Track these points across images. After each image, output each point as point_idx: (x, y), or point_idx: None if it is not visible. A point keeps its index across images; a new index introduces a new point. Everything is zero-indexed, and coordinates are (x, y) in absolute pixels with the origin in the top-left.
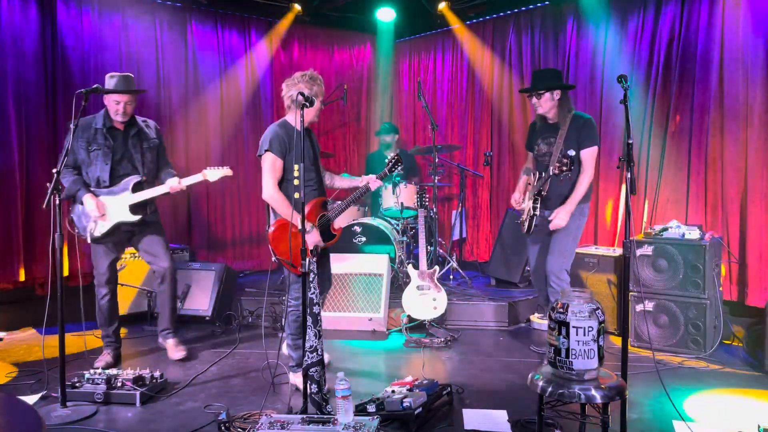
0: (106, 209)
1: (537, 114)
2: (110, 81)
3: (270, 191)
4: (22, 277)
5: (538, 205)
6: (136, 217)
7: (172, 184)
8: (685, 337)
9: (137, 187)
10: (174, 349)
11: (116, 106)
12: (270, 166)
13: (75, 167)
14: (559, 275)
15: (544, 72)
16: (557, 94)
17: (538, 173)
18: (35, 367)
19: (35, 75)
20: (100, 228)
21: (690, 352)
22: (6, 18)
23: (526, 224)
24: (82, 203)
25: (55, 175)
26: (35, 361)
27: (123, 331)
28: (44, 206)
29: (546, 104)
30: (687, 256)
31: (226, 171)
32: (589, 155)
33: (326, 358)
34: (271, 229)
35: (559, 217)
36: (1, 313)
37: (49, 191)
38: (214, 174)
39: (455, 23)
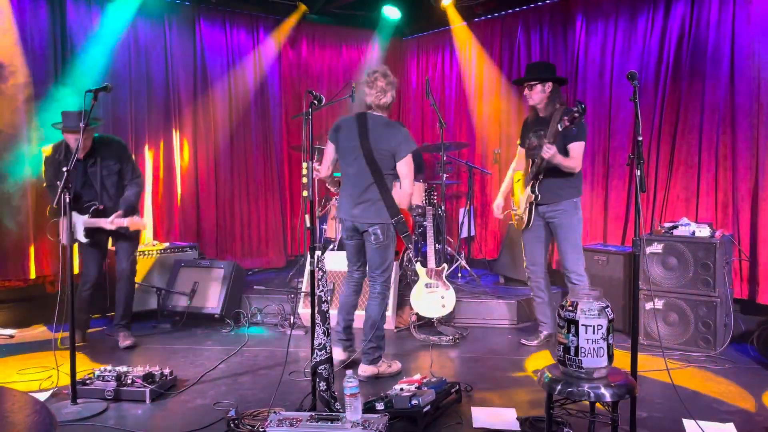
0: (76, 226)
1: (531, 108)
2: (64, 117)
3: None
4: (32, 275)
5: (537, 193)
6: (86, 240)
7: (109, 226)
8: (695, 336)
9: (95, 213)
10: (123, 339)
11: (73, 143)
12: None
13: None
14: (579, 272)
15: (537, 64)
16: (548, 86)
17: (531, 161)
18: (46, 364)
19: (45, 74)
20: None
21: (700, 350)
22: (16, 17)
23: (525, 216)
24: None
25: (65, 174)
26: (46, 358)
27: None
28: (54, 204)
29: (537, 96)
30: (697, 254)
31: (141, 224)
32: (577, 149)
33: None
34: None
35: (546, 149)
36: (12, 311)
37: (59, 189)
38: (136, 224)
39: (463, 21)
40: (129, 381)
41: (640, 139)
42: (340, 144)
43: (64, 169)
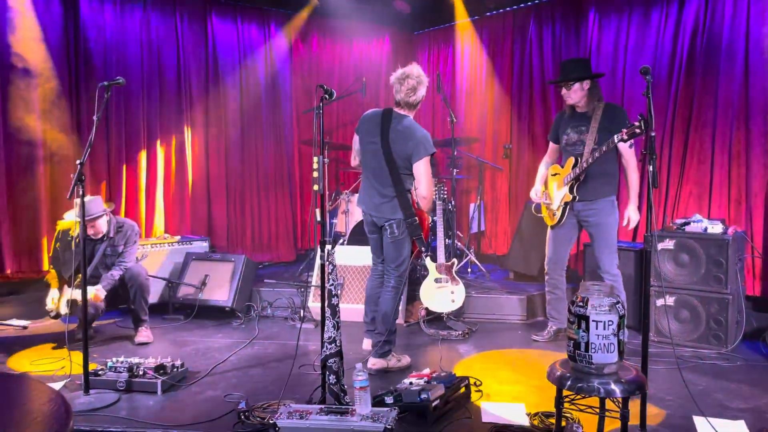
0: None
1: (567, 104)
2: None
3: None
4: (46, 267)
5: (575, 194)
6: (66, 312)
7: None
8: (706, 333)
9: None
10: (139, 335)
11: (89, 229)
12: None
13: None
14: (613, 272)
15: (573, 62)
16: (587, 83)
17: (574, 159)
18: (58, 355)
19: (58, 68)
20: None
21: (711, 347)
22: (39, 18)
23: (558, 213)
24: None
25: (79, 166)
26: (59, 349)
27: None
28: (69, 197)
29: (576, 94)
30: (709, 251)
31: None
32: (626, 145)
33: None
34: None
35: (633, 216)
36: (25, 303)
37: (73, 182)
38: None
39: (474, 15)
40: (141, 372)
41: (653, 134)
42: (363, 137)
43: (78, 162)
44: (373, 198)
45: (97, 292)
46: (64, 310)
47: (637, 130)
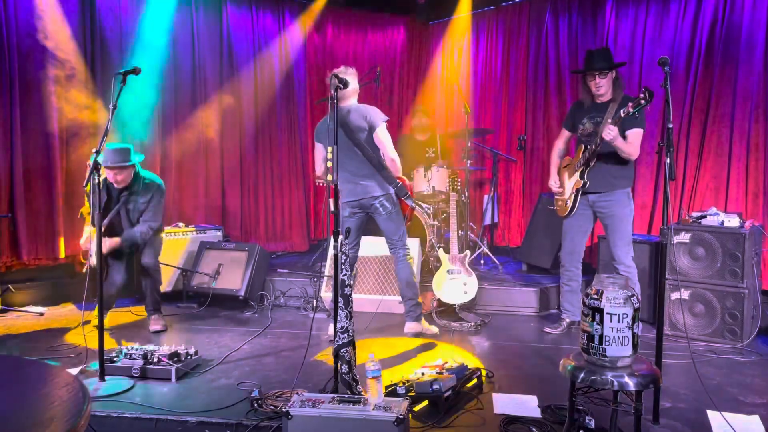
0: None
1: (587, 93)
2: (106, 152)
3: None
4: (62, 254)
5: (586, 179)
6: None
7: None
8: (721, 327)
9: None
10: (153, 323)
11: (112, 176)
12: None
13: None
14: (628, 263)
15: (603, 51)
16: (613, 73)
17: (584, 147)
18: (75, 341)
19: (75, 56)
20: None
21: (726, 341)
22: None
23: (570, 202)
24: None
25: (94, 154)
26: (75, 335)
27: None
28: (84, 185)
29: (607, 84)
30: (726, 245)
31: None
32: (635, 136)
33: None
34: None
35: (608, 130)
36: (42, 289)
37: (89, 171)
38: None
39: (491, 5)
40: (155, 359)
41: (671, 126)
42: (325, 140)
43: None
44: (357, 183)
45: (112, 243)
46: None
47: (642, 101)
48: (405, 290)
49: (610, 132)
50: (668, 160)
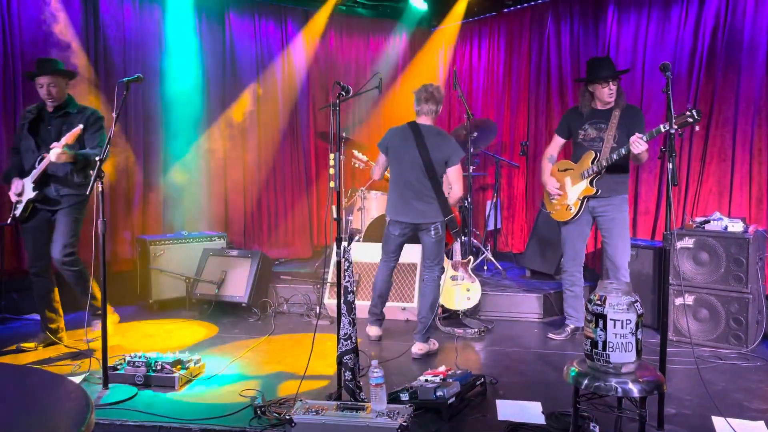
0: (24, 189)
1: (588, 101)
2: (35, 64)
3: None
4: None
5: (595, 188)
6: (34, 193)
7: (50, 154)
8: (726, 332)
9: (40, 162)
10: (89, 333)
11: (41, 89)
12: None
13: (18, 149)
14: (626, 267)
15: (608, 60)
16: (618, 80)
17: (594, 154)
18: (77, 348)
19: (78, 64)
20: (19, 209)
21: (731, 347)
22: (51, 9)
23: (575, 208)
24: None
25: (98, 163)
26: (77, 342)
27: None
28: (87, 193)
29: (615, 90)
30: (729, 249)
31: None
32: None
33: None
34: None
35: (639, 144)
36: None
37: (92, 179)
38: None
39: (492, 11)
40: (159, 367)
41: (673, 131)
42: (395, 152)
43: (97, 158)
44: (415, 205)
45: (58, 152)
46: (30, 193)
47: (690, 119)
48: (426, 311)
49: (639, 146)
50: (671, 166)
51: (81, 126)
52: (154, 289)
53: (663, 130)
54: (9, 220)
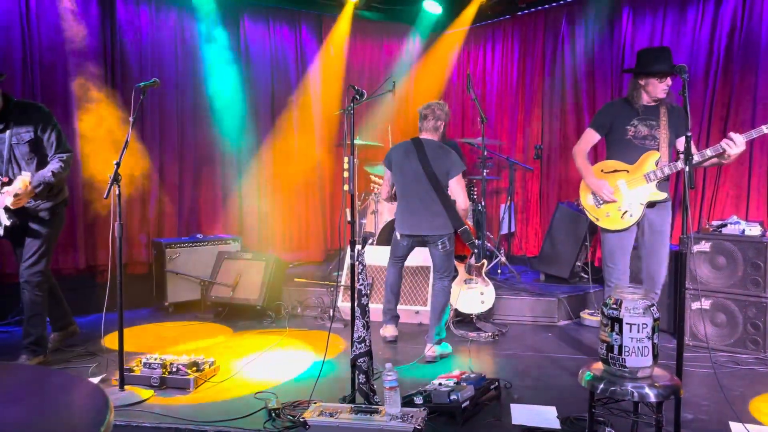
0: None
1: (639, 94)
2: None
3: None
4: (82, 264)
5: (660, 192)
6: (10, 221)
7: (5, 202)
8: (743, 337)
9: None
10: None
11: None
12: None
13: None
14: (662, 283)
15: (667, 51)
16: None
17: (659, 155)
18: (95, 350)
19: (96, 69)
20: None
21: (748, 352)
22: (69, 15)
23: (637, 214)
24: None
25: (115, 166)
26: (95, 344)
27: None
28: (105, 197)
29: (668, 85)
30: (747, 253)
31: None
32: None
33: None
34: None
35: (740, 143)
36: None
37: (110, 182)
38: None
39: (506, 14)
40: (174, 369)
41: (689, 134)
42: (398, 166)
43: (114, 162)
44: (424, 218)
45: (25, 180)
46: (6, 221)
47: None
48: (438, 316)
49: (740, 147)
50: (687, 169)
51: (27, 176)
52: (170, 291)
53: (766, 131)
54: None
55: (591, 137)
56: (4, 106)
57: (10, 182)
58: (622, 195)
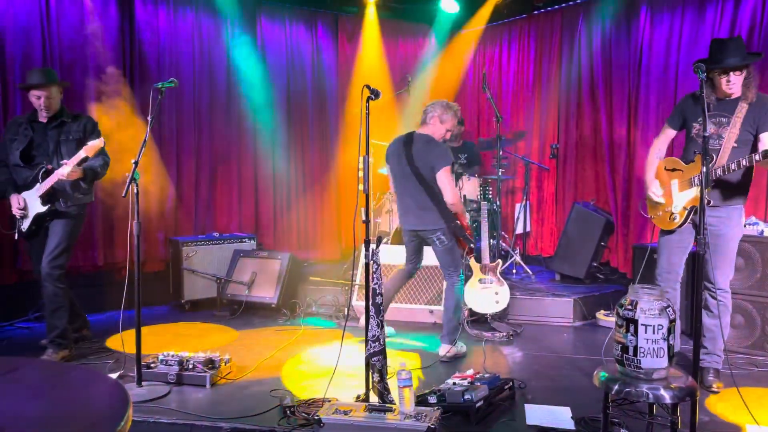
0: (27, 204)
1: (711, 88)
2: (29, 76)
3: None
4: (100, 261)
5: (710, 198)
6: (45, 208)
7: (62, 170)
8: (761, 339)
9: (45, 176)
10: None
11: (37, 101)
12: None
13: (5, 162)
14: (726, 288)
15: (736, 42)
16: (746, 68)
17: (709, 157)
18: (113, 347)
19: (114, 69)
20: (26, 224)
21: (766, 354)
22: (87, 15)
23: (680, 218)
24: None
25: (134, 165)
26: (113, 341)
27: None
28: (123, 195)
29: (740, 81)
30: (765, 255)
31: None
32: None
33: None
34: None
35: None
36: (80, 296)
37: (128, 181)
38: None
39: (522, 13)
40: (190, 366)
41: (707, 134)
42: (390, 163)
43: (132, 161)
44: (414, 212)
45: (71, 170)
46: (41, 207)
47: None
48: (451, 315)
49: None
50: (704, 169)
51: (101, 140)
52: (186, 289)
53: None
54: (16, 236)
55: (666, 132)
56: (60, 110)
57: (52, 171)
58: (672, 196)
